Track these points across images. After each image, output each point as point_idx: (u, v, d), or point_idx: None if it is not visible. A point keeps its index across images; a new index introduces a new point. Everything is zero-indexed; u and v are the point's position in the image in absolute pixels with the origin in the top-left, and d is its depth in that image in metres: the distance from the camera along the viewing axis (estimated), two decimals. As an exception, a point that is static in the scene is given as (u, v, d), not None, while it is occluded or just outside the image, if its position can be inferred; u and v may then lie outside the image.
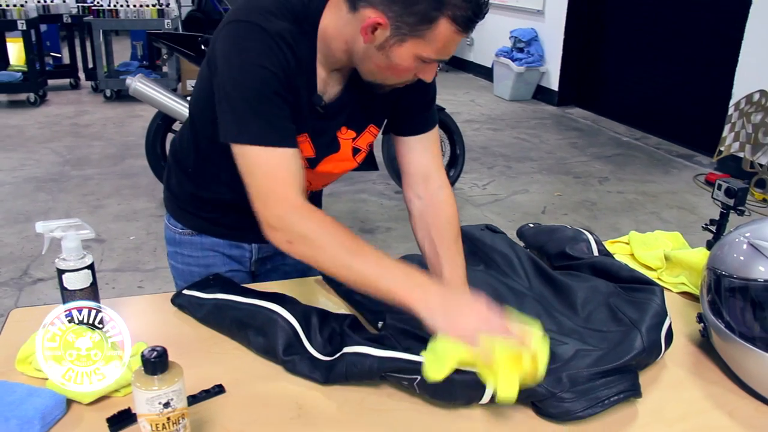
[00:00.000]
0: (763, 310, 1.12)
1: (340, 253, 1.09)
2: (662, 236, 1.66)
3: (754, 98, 4.87)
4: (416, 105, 1.33)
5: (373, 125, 1.34)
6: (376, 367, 1.07)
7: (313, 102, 1.22)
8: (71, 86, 7.63)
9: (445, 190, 1.35)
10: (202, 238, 1.49)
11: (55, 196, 4.40)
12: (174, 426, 0.86)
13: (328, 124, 1.28)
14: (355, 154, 1.35)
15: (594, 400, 1.04)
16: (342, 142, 1.31)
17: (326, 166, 1.33)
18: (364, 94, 1.26)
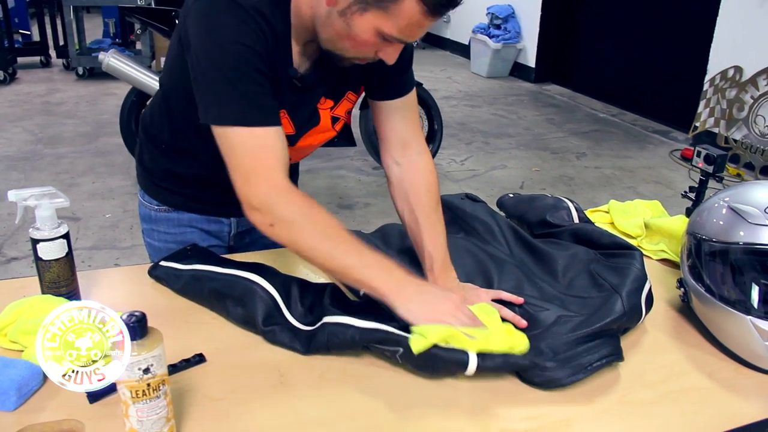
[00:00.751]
0: (743, 274, 1.13)
1: (320, 240, 1.09)
2: (642, 205, 1.67)
3: (729, 74, 4.90)
4: (393, 68, 1.24)
5: (351, 92, 1.31)
6: (357, 338, 1.07)
7: (290, 75, 1.18)
8: (42, 64, 7.47)
9: (423, 156, 1.33)
10: (179, 215, 1.46)
11: (28, 175, 4.32)
12: (154, 392, 0.84)
13: (306, 97, 1.25)
14: (335, 123, 1.33)
15: (577, 368, 1.05)
16: (321, 113, 1.29)
17: (307, 140, 1.31)
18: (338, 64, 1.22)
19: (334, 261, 1.09)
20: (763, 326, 1.08)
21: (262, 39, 1.09)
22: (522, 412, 1.00)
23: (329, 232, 1.09)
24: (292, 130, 1.25)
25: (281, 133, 1.12)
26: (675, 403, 1.04)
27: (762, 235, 1.09)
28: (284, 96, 1.19)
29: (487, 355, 1.02)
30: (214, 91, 1.09)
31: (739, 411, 1.04)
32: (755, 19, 4.71)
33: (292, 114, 1.23)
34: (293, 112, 1.24)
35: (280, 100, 1.17)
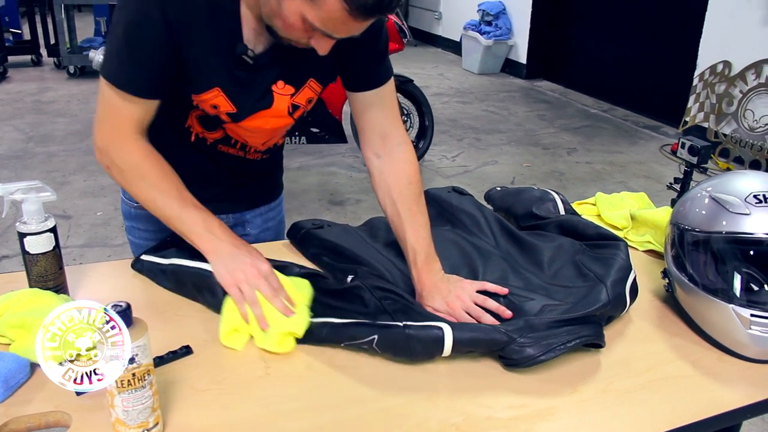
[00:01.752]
0: (725, 263, 1.15)
1: (147, 190, 1.19)
2: (628, 197, 1.68)
3: (718, 69, 4.93)
4: (366, 58, 1.25)
5: (314, 80, 1.27)
6: (331, 336, 1.09)
7: (237, 52, 1.16)
8: (33, 63, 7.45)
9: (403, 146, 1.30)
10: None
11: (19, 173, 4.31)
12: (140, 382, 0.85)
13: (256, 75, 1.21)
14: (294, 111, 1.28)
15: (554, 344, 1.05)
16: (277, 97, 1.25)
17: (256, 121, 1.26)
18: (300, 48, 1.16)
19: (159, 211, 1.19)
20: (745, 314, 1.09)
21: (179, 17, 1.09)
22: (506, 401, 1.01)
23: (157, 184, 1.18)
24: (231, 108, 1.22)
25: (149, 106, 1.17)
26: (658, 391, 1.05)
27: (743, 224, 1.11)
28: (220, 73, 1.18)
29: (462, 328, 1.04)
30: (109, 44, 1.15)
31: (722, 398, 1.05)
32: (743, 14, 4.73)
33: (230, 91, 1.20)
34: (235, 89, 1.20)
35: (212, 77, 1.17)
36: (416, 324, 1.04)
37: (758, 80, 4.66)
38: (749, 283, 1.13)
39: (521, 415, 0.98)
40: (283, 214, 1.64)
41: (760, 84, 4.65)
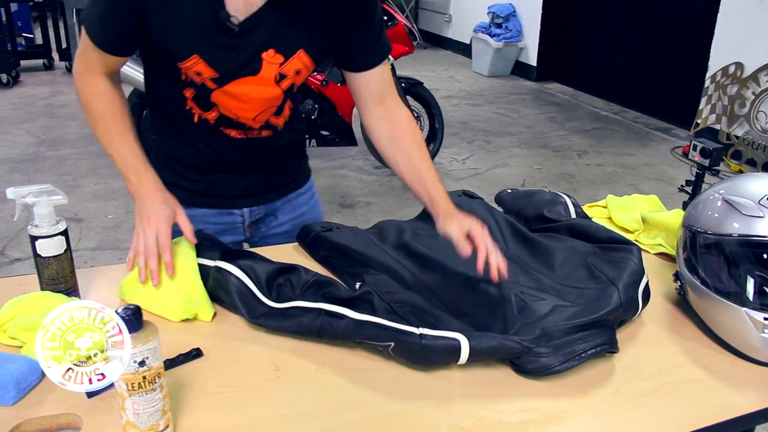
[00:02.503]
0: (738, 266, 1.14)
1: (94, 124, 1.31)
2: (639, 199, 1.68)
3: (730, 70, 4.90)
4: (362, 38, 1.31)
5: (304, 51, 1.28)
6: (350, 330, 1.07)
7: (220, 18, 1.18)
8: (45, 67, 7.50)
9: (401, 109, 1.36)
10: (190, 211, 1.43)
11: (31, 177, 4.34)
12: (150, 385, 0.85)
13: (241, 41, 1.22)
14: (280, 80, 1.30)
15: (570, 354, 1.05)
16: (266, 65, 1.26)
17: (241, 87, 1.28)
18: (288, 14, 1.22)
19: (102, 145, 1.32)
20: (758, 317, 1.08)
21: None
22: (516, 405, 1.00)
23: (103, 121, 1.30)
24: (213, 73, 1.25)
25: (114, 59, 1.29)
26: (670, 395, 1.04)
27: (756, 226, 1.10)
28: (203, 38, 1.21)
29: (479, 339, 1.04)
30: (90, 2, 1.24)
31: (735, 402, 1.04)
32: (756, 15, 4.71)
33: (211, 57, 1.23)
34: (216, 55, 1.23)
35: (192, 43, 1.22)
36: (432, 334, 1.03)
37: (770, 82, 4.64)
38: (762, 287, 1.12)
39: (532, 419, 0.97)
40: (316, 199, 1.66)
41: (772, 85, 4.62)
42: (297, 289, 1.19)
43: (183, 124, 1.38)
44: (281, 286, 1.20)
